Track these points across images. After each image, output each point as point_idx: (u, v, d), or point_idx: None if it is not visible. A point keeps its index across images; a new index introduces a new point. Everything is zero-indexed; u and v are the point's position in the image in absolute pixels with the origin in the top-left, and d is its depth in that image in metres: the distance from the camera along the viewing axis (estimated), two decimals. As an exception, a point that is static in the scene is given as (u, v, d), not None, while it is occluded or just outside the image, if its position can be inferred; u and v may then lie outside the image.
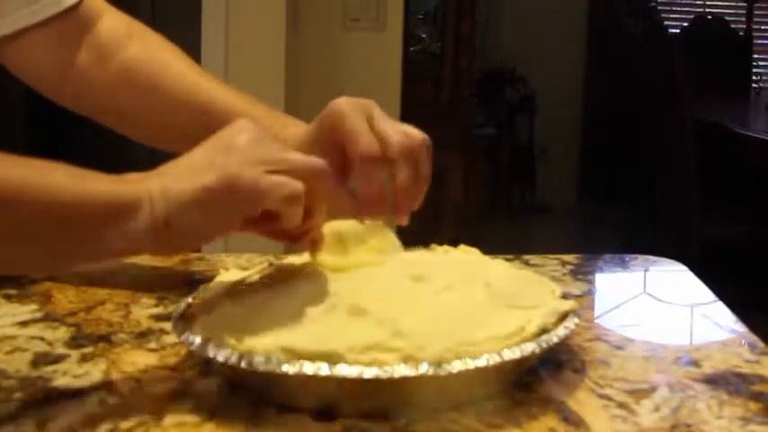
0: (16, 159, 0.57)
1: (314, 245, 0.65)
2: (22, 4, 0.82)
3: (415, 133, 0.72)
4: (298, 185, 0.59)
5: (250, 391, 0.56)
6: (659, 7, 4.75)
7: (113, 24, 0.88)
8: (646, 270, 0.92)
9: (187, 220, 0.58)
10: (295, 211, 0.60)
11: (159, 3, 3.31)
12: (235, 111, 0.81)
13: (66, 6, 0.84)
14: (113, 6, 0.90)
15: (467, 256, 0.70)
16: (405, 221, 0.71)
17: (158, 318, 0.71)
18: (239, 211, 0.59)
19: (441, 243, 0.72)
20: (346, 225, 0.67)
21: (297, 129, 0.80)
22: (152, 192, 0.58)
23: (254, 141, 0.60)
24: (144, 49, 0.87)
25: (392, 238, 0.68)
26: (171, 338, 0.65)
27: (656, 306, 0.81)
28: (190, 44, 0.94)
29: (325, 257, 0.64)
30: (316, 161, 0.62)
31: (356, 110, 0.73)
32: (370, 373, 0.51)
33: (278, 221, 0.61)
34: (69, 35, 0.86)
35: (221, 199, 0.58)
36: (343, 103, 0.73)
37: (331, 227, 0.66)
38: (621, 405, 0.56)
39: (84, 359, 0.63)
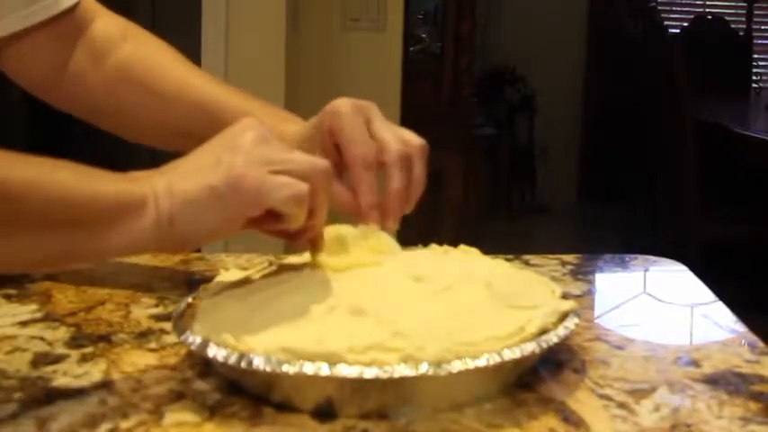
0: (22, 157, 0.57)
1: (313, 244, 0.65)
2: (18, 6, 0.82)
3: (413, 138, 0.73)
4: (302, 186, 0.59)
5: (250, 391, 0.56)
6: (659, 7, 4.76)
7: (108, 26, 0.88)
8: (646, 270, 0.92)
9: (191, 218, 0.58)
10: (299, 212, 0.60)
11: (159, 3, 3.31)
12: (231, 106, 0.81)
13: (63, 8, 0.84)
14: (114, 9, 0.90)
15: (467, 256, 0.70)
16: (395, 226, 0.71)
17: (158, 318, 0.71)
18: (243, 210, 0.59)
19: (441, 243, 0.72)
20: (346, 228, 0.67)
21: (294, 125, 0.80)
22: (157, 190, 0.58)
23: (258, 140, 0.61)
24: (139, 48, 0.87)
25: (389, 241, 0.68)
26: (171, 338, 0.65)
27: (656, 306, 0.81)
28: (190, 44, 0.94)
29: (325, 257, 0.64)
30: (319, 162, 0.62)
31: (355, 112, 0.73)
32: (370, 373, 0.51)
33: (281, 221, 0.61)
34: (65, 37, 0.86)
35: (226, 198, 0.58)
36: (343, 105, 0.73)
37: (331, 230, 0.66)
38: (621, 405, 0.56)
39: (84, 359, 0.63)
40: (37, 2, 0.82)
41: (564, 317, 0.60)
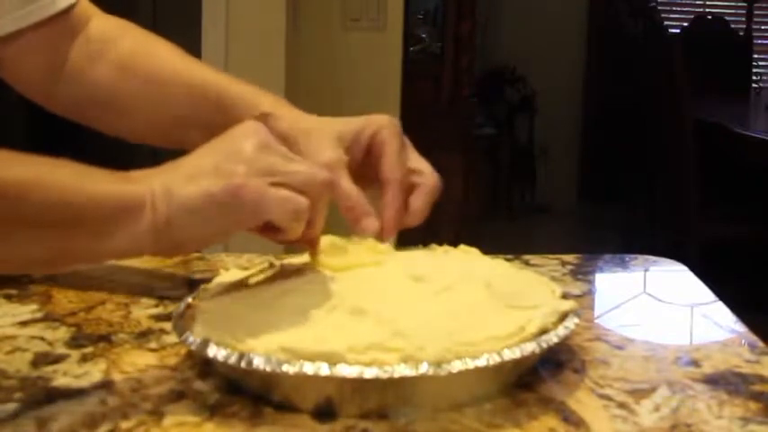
0: (21, 157, 0.57)
1: (311, 245, 0.65)
2: (14, 7, 0.82)
3: (436, 177, 0.76)
4: (301, 202, 0.59)
5: (250, 391, 0.56)
6: (659, 7, 4.76)
7: (105, 25, 0.88)
8: (646, 270, 0.92)
9: (188, 224, 0.59)
10: (296, 226, 0.60)
11: (160, 3, 3.31)
12: (233, 92, 0.81)
13: (59, 9, 0.84)
14: (114, 9, 0.90)
15: (467, 256, 0.70)
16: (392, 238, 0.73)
17: (158, 318, 0.71)
18: (240, 221, 0.60)
19: (441, 243, 0.72)
20: (340, 240, 0.67)
21: (297, 112, 0.81)
22: (155, 193, 0.58)
23: (260, 147, 0.60)
24: (138, 43, 0.87)
25: (386, 246, 0.68)
26: (171, 338, 0.65)
27: (656, 306, 0.81)
28: (190, 44, 0.94)
29: (325, 258, 0.64)
30: (320, 174, 0.62)
31: (398, 134, 0.76)
32: (370, 373, 0.51)
33: (277, 232, 0.61)
34: (61, 37, 0.85)
35: (224, 208, 0.58)
36: (390, 121, 0.76)
37: (326, 239, 0.66)
38: (621, 405, 0.56)
39: (84, 359, 0.63)
40: (32, 2, 0.82)
41: (564, 317, 0.60)
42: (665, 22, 3.98)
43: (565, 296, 0.64)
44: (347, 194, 0.72)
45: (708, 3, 5.00)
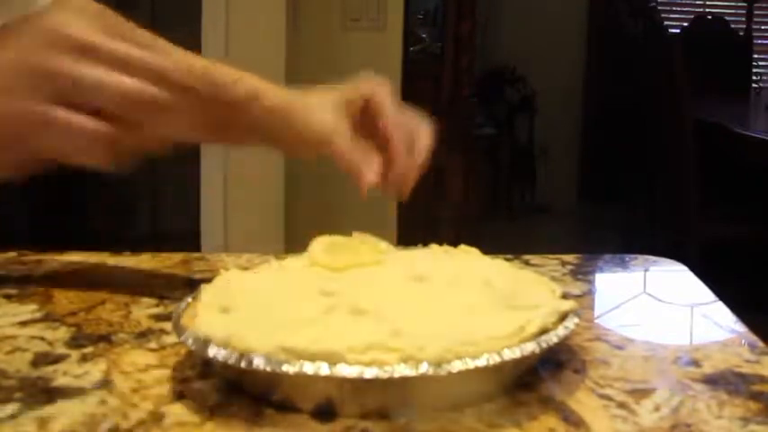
0: None
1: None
2: None
3: (429, 121, 0.77)
4: (93, 131, 0.47)
5: (250, 391, 0.56)
6: (659, 7, 4.76)
7: None
8: (646, 270, 0.92)
9: None
10: (98, 158, 0.50)
11: (159, 3, 3.31)
12: (217, 69, 0.80)
13: (42, 6, 0.83)
14: (111, 7, 0.90)
15: (467, 256, 0.70)
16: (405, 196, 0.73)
17: (158, 318, 0.71)
18: (19, 155, 0.51)
19: (441, 243, 0.72)
20: (338, 238, 0.67)
21: (286, 89, 0.80)
22: None
23: (43, 46, 0.48)
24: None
25: (386, 246, 0.68)
26: (171, 338, 0.65)
27: (656, 306, 0.81)
28: (190, 44, 0.94)
29: (325, 257, 0.65)
30: (125, 82, 0.49)
31: (391, 92, 0.77)
32: (370, 373, 0.51)
33: None
34: None
35: None
36: (380, 81, 0.77)
37: (324, 239, 0.66)
38: (621, 405, 0.56)
39: (84, 359, 0.63)
40: (9, 2, 0.82)
41: (564, 317, 0.60)
42: (665, 22, 3.98)
43: (565, 296, 0.64)
44: (347, 151, 0.71)
45: (708, 3, 5.00)
